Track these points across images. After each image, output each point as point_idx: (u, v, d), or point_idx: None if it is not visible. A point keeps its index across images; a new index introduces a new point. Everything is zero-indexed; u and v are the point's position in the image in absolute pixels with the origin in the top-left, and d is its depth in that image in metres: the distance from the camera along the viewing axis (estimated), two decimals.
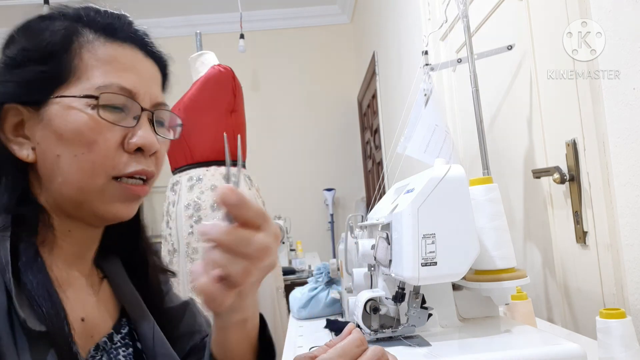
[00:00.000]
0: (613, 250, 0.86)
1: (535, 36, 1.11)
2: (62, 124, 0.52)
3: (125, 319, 0.61)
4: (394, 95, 2.78)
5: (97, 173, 0.53)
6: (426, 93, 1.29)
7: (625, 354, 0.63)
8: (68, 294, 0.54)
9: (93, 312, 0.58)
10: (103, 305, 0.60)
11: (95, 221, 0.58)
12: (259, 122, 4.11)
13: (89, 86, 0.53)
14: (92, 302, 0.58)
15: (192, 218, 1.78)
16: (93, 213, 0.55)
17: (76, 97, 0.53)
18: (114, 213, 0.56)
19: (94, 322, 0.57)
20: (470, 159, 1.53)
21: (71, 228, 0.57)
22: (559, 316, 1.08)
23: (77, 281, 0.58)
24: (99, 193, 0.54)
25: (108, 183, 0.54)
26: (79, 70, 0.54)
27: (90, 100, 0.53)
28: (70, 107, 0.53)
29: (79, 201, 0.54)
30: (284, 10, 4.43)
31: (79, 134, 0.52)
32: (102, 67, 0.54)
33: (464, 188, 0.67)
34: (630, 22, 0.79)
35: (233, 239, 0.44)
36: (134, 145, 0.55)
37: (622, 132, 0.82)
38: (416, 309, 0.68)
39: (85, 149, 0.53)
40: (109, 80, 0.54)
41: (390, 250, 0.69)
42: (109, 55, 0.55)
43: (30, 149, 0.54)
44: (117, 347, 0.58)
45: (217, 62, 1.98)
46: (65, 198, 0.54)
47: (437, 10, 1.79)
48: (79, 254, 0.59)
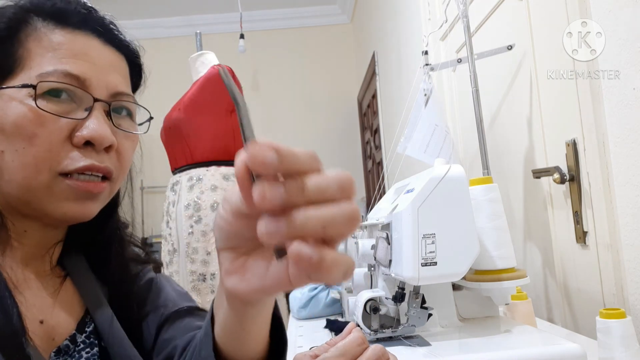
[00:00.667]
0: (613, 250, 0.86)
1: (535, 36, 1.11)
2: (2, 118, 0.49)
3: (90, 317, 0.57)
4: (394, 95, 2.78)
5: (40, 169, 0.49)
6: (426, 93, 1.29)
7: (625, 354, 0.63)
8: (25, 296, 0.51)
9: (53, 314, 0.54)
10: (65, 305, 0.56)
11: (50, 221, 0.53)
12: (259, 122, 4.11)
13: (30, 75, 0.50)
14: (52, 303, 0.55)
15: (192, 218, 1.78)
16: (43, 212, 0.51)
17: (15, 87, 0.49)
18: (64, 212, 0.51)
19: (55, 323, 0.54)
20: (470, 159, 1.53)
21: (27, 228, 0.53)
22: (559, 316, 1.08)
23: (34, 282, 0.54)
24: (46, 190, 0.50)
25: (54, 180, 0.50)
26: (23, 60, 0.50)
27: (30, 90, 0.49)
28: (11, 99, 0.49)
29: (26, 200, 0.51)
30: (284, 10, 4.43)
31: (18, 127, 0.49)
32: (47, 55, 0.50)
33: (464, 188, 0.67)
34: (630, 22, 0.79)
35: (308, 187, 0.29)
36: (81, 139, 0.51)
37: (622, 132, 0.82)
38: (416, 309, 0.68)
39: (26, 143, 0.49)
40: (51, 67, 0.50)
41: (390, 250, 0.69)
42: (56, 42, 0.51)
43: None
44: (80, 348, 0.54)
45: (217, 62, 1.99)
46: (12, 197, 0.51)
47: (437, 10, 1.79)
48: (35, 255, 0.55)
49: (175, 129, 1.89)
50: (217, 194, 1.80)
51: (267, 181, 0.29)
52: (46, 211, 0.51)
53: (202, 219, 1.77)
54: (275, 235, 0.29)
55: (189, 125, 1.86)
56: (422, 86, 1.30)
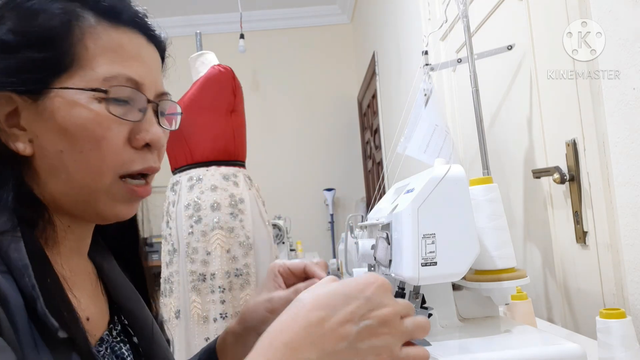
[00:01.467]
0: (613, 250, 0.86)
1: (535, 36, 1.11)
2: (66, 119, 0.48)
3: (117, 317, 0.58)
4: (394, 95, 2.78)
5: (104, 171, 0.50)
6: (426, 93, 1.29)
7: (625, 354, 0.64)
8: (75, 294, 0.50)
9: (94, 310, 0.55)
10: (99, 301, 0.57)
11: (96, 220, 0.55)
12: (259, 122, 4.11)
13: (95, 77, 0.49)
14: (92, 299, 0.56)
15: (192, 218, 1.78)
16: (95, 212, 0.52)
17: (83, 89, 0.48)
18: (116, 213, 0.53)
19: (96, 319, 0.55)
20: (470, 159, 1.53)
21: (70, 223, 0.53)
22: (559, 316, 1.08)
23: (78, 278, 0.55)
24: (105, 192, 0.51)
25: (115, 182, 0.51)
26: (82, 59, 0.49)
27: (98, 93, 0.49)
28: (75, 100, 0.48)
29: (83, 200, 0.51)
30: (283, 10, 4.43)
31: (86, 129, 0.48)
32: (107, 56, 0.50)
33: (464, 188, 0.67)
34: (630, 22, 0.79)
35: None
36: (142, 141, 0.51)
37: (622, 132, 0.82)
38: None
39: (92, 145, 0.49)
40: (115, 70, 0.50)
41: (390, 250, 0.69)
42: (114, 42, 0.50)
43: (27, 141, 0.49)
44: (117, 341, 0.56)
45: (217, 62, 1.98)
46: (66, 196, 0.51)
47: (437, 10, 1.79)
48: (77, 250, 0.56)
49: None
50: (217, 194, 1.80)
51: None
52: (98, 211, 0.52)
53: (202, 219, 1.77)
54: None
55: (189, 125, 1.86)
56: (422, 86, 1.30)
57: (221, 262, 1.74)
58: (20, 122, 0.49)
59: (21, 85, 0.48)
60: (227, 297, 1.74)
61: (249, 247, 1.79)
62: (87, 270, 0.58)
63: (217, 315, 1.72)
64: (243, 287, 1.76)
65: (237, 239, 1.77)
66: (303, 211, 4.20)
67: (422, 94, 1.30)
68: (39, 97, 0.48)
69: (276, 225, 2.93)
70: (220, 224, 1.76)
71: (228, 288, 1.74)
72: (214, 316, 1.73)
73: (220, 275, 1.74)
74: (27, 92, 0.48)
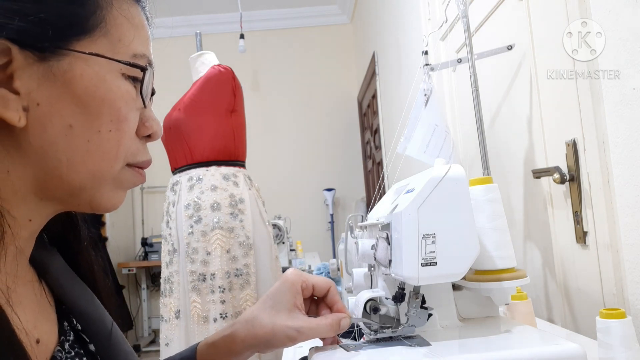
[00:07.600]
0: (613, 250, 0.86)
1: (535, 36, 1.11)
2: (89, 90, 0.40)
3: (67, 322, 0.47)
4: (394, 95, 2.78)
5: (118, 157, 0.43)
6: (426, 93, 1.29)
7: (625, 354, 0.64)
8: (19, 313, 0.39)
9: (42, 326, 0.44)
10: (45, 310, 0.45)
11: (85, 208, 0.45)
12: (259, 122, 4.11)
13: (124, 51, 0.42)
14: (39, 312, 0.44)
15: (192, 218, 1.78)
16: (88, 199, 0.43)
17: (119, 61, 0.41)
18: (114, 202, 0.45)
19: (46, 337, 0.43)
20: (470, 159, 1.53)
21: (33, 216, 0.42)
22: (559, 316, 1.08)
23: (23, 289, 0.43)
24: (111, 180, 0.44)
25: (122, 170, 0.45)
26: (108, 25, 0.41)
27: (130, 69, 0.42)
28: (105, 71, 0.41)
29: (82, 186, 0.42)
30: (283, 10, 4.43)
31: (111, 107, 0.41)
32: (132, 31, 0.44)
33: (464, 188, 0.67)
34: (630, 22, 0.79)
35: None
36: (150, 130, 0.46)
37: (622, 132, 0.82)
38: (416, 309, 0.68)
39: (113, 126, 0.41)
40: (141, 49, 0.44)
41: (390, 250, 0.69)
42: (137, 20, 0.45)
43: (20, 108, 0.38)
44: (71, 356, 0.45)
45: (217, 62, 1.99)
46: (60, 180, 0.41)
47: (437, 10, 1.79)
48: (22, 253, 0.43)
49: (175, 129, 1.89)
50: (217, 194, 1.80)
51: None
52: (94, 198, 0.44)
53: (202, 219, 1.77)
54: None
55: (189, 125, 1.86)
56: (422, 86, 1.30)
57: (221, 262, 1.74)
58: (15, 82, 0.38)
59: (26, 36, 0.38)
60: (227, 297, 1.74)
61: (249, 247, 1.79)
62: (29, 277, 0.46)
63: (217, 315, 1.73)
64: (243, 287, 1.76)
65: (237, 239, 1.78)
66: (303, 211, 4.20)
67: (422, 94, 1.30)
68: (48, 57, 0.39)
69: (276, 225, 2.92)
70: (220, 224, 1.76)
71: (228, 288, 1.74)
72: (214, 316, 1.73)
73: (220, 275, 1.74)
74: (32, 46, 0.38)
